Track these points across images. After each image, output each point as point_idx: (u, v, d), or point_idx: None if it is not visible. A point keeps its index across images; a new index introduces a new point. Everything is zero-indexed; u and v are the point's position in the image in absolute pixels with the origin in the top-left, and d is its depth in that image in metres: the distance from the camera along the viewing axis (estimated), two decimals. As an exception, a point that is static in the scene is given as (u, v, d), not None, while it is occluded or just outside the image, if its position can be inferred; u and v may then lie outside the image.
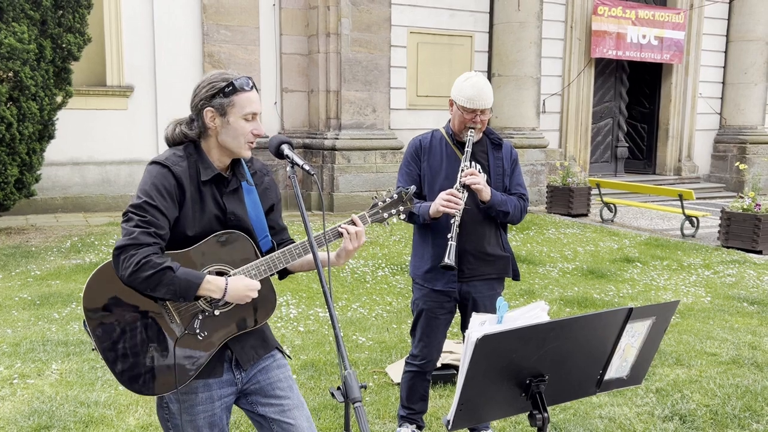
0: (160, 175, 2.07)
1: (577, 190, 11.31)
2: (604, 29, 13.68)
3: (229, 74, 2.13)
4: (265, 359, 2.28)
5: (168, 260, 1.98)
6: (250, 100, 2.12)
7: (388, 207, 2.36)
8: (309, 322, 5.45)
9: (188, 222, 2.09)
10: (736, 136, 15.42)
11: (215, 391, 2.17)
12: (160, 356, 2.07)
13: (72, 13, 8.36)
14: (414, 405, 3.46)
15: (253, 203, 2.23)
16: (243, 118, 2.11)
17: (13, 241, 8.06)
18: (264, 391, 2.24)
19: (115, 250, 1.98)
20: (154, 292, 1.98)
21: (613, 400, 4.01)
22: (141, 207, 2.01)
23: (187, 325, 2.09)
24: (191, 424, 2.16)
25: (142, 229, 1.98)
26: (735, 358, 4.77)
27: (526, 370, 1.87)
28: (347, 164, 11.05)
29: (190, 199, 2.09)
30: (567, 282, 6.93)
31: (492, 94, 3.16)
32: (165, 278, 1.95)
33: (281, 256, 2.16)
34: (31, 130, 8.05)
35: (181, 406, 2.16)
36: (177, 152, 2.14)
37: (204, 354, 2.11)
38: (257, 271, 2.13)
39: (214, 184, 2.16)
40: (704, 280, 7.16)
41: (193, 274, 2.00)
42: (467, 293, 3.26)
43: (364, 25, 11.08)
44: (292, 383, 2.32)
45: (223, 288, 2.03)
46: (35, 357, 4.48)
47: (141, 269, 1.93)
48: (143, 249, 1.95)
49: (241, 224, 2.18)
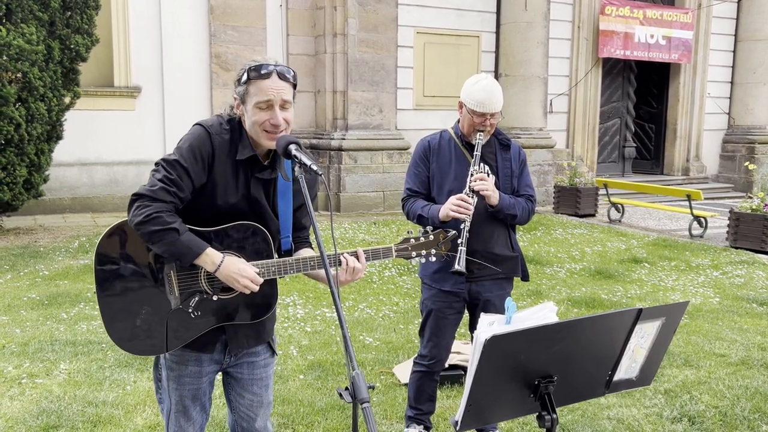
0: (200, 138, 2.09)
1: (584, 190, 11.27)
2: (612, 29, 13.63)
3: (257, 61, 2.10)
4: (255, 353, 2.34)
5: (177, 222, 2.02)
6: (262, 88, 2.07)
7: (419, 247, 2.32)
8: (316, 322, 5.45)
9: (218, 192, 2.11)
10: (745, 136, 15.34)
11: (204, 367, 2.26)
12: (151, 321, 2.13)
13: (80, 14, 8.40)
14: (422, 405, 3.45)
15: (285, 200, 2.22)
16: (257, 107, 2.08)
17: (22, 241, 8.09)
18: (242, 384, 2.34)
19: (133, 195, 2.03)
20: (154, 246, 2.02)
21: (621, 401, 3.99)
22: (171, 164, 2.05)
23: (183, 300, 2.13)
24: (176, 392, 2.26)
25: (164, 185, 2.02)
26: (744, 359, 4.74)
27: (535, 370, 1.87)
28: (354, 164, 11.05)
29: (222, 171, 2.11)
30: (574, 282, 6.91)
31: (502, 97, 3.14)
32: (168, 237, 1.99)
33: (294, 263, 2.16)
34: (40, 131, 8.09)
35: (171, 374, 2.25)
36: (223, 123, 2.16)
37: (192, 332, 2.17)
38: (267, 270, 2.13)
39: (249, 166, 2.15)
40: (713, 281, 7.12)
41: (196, 243, 2.03)
42: (477, 293, 3.25)
43: (370, 26, 11.08)
44: (269, 382, 2.40)
45: (217, 263, 2.04)
46: (44, 357, 4.50)
47: (150, 222, 1.99)
48: (158, 203, 2.00)
49: (261, 212, 2.18)
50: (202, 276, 2.14)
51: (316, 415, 3.74)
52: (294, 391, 4.06)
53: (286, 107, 2.12)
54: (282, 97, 2.09)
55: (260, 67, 2.08)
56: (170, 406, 2.30)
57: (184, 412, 2.29)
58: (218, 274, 2.06)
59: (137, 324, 2.13)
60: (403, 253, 2.29)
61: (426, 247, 2.31)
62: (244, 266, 2.07)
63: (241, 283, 2.06)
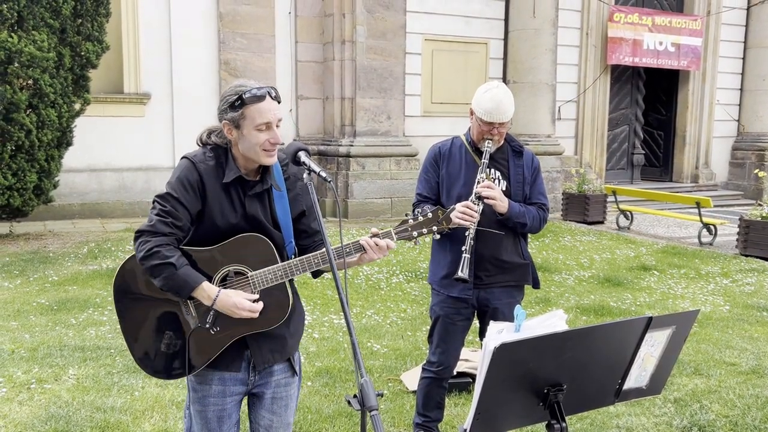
0: (186, 169, 2.19)
1: (593, 197, 11.23)
2: (620, 36, 13.61)
3: (244, 86, 2.17)
4: (277, 371, 2.34)
5: (176, 256, 2.09)
6: (261, 111, 2.13)
7: (418, 225, 2.31)
8: (324, 328, 5.45)
9: (216, 216, 2.19)
10: (755, 143, 15.26)
11: (228, 387, 2.27)
12: (174, 344, 2.20)
13: (91, 21, 8.46)
14: (430, 413, 3.44)
15: (282, 209, 2.27)
16: (256, 129, 2.14)
17: (32, 247, 8.14)
18: (263, 403, 2.35)
19: (136, 232, 2.15)
20: (154, 280, 2.11)
21: (630, 410, 3.97)
22: (164, 197, 2.15)
23: (201, 319, 2.18)
24: (201, 414, 2.27)
25: (161, 219, 2.12)
26: (755, 368, 4.70)
27: (544, 379, 1.86)
28: (362, 171, 11.06)
29: (215, 196, 2.18)
30: (583, 290, 6.88)
31: (512, 106, 3.13)
32: (165, 272, 2.07)
33: (299, 263, 2.19)
34: (50, 137, 8.14)
35: (195, 395, 2.28)
36: (207, 152, 2.24)
37: (215, 348, 2.20)
38: (274, 276, 2.17)
39: (239, 186, 2.22)
40: (723, 289, 7.07)
41: (193, 277, 2.10)
42: (486, 300, 3.25)
43: (379, 33, 11.11)
44: (289, 402, 2.39)
45: (213, 298, 2.11)
46: (52, 362, 4.51)
47: (150, 257, 2.08)
48: (157, 237, 2.10)
49: (261, 227, 2.22)
50: None
51: (323, 422, 3.73)
52: (302, 398, 4.06)
53: (279, 125, 2.20)
54: (278, 116, 2.18)
55: (253, 91, 2.14)
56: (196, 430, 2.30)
57: None
58: (216, 308, 2.12)
59: (162, 349, 2.21)
60: (403, 234, 2.29)
61: (426, 225, 2.30)
62: (238, 299, 2.11)
63: (242, 315, 2.12)
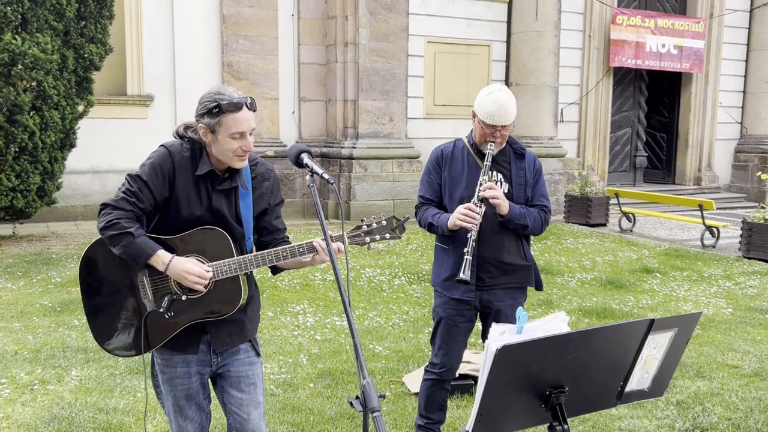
0: (162, 157, 2.31)
1: (595, 199, 11.23)
2: (623, 38, 13.61)
3: (221, 94, 2.25)
4: (240, 352, 2.46)
5: (134, 227, 2.22)
6: (237, 121, 2.23)
7: (372, 232, 2.41)
8: (326, 330, 5.45)
9: (182, 205, 2.30)
10: (757, 145, 15.24)
11: (193, 367, 2.41)
12: (130, 324, 2.35)
13: (94, 23, 8.48)
14: (432, 415, 3.44)
15: (245, 206, 2.39)
16: (230, 137, 2.25)
17: (35, 248, 8.16)
18: (230, 382, 2.46)
19: (101, 204, 2.29)
20: (114, 249, 2.25)
21: (632, 412, 3.96)
22: (134, 178, 2.30)
23: (157, 302, 2.31)
24: (171, 393, 2.43)
25: (125, 196, 2.27)
26: (758, 371, 4.69)
27: (546, 381, 1.86)
28: (364, 173, 11.07)
29: (184, 187, 2.29)
30: (585, 292, 6.88)
31: (514, 109, 3.13)
32: (124, 240, 2.21)
33: (254, 259, 2.31)
34: (53, 139, 8.16)
35: (163, 377, 2.44)
36: (184, 144, 2.35)
37: (169, 331, 2.32)
38: (228, 268, 2.29)
39: (209, 180, 2.33)
40: (725, 292, 7.06)
41: (150, 245, 2.23)
42: (488, 302, 3.25)
43: (381, 35, 11.12)
44: (256, 380, 2.50)
45: (166, 263, 2.24)
46: (55, 363, 4.52)
47: (110, 227, 2.22)
48: (118, 211, 2.24)
49: (224, 221, 2.34)
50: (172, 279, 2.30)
51: (325, 423, 3.74)
52: (303, 399, 4.06)
53: (252, 133, 2.31)
54: (251, 125, 2.29)
55: (231, 100, 2.23)
56: (169, 408, 2.47)
57: (181, 411, 2.44)
58: (169, 273, 2.25)
59: (118, 327, 2.36)
60: (356, 239, 2.40)
61: (379, 232, 2.40)
62: (191, 265, 2.24)
63: (190, 280, 2.23)
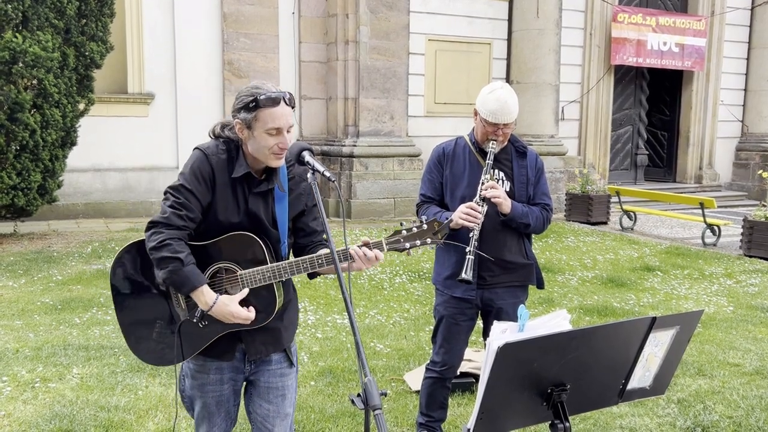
0: (199, 160, 2.22)
1: (596, 197, 11.22)
2: (624, 36, 13.59)
3: (259, 88, 2.18)
4: (272, 362, 2.39)
5: (186, 252, 2.13)
6: (274, 116, 2.15)
7: (411, 237, 2.28)
8: (327, 328, 5.45)
9: (219, 210, 2.23)
10: (759, 144, 15.23)
11: (226, 374, 2.34)
12: (165, 333, 2.27)
13: (95, 21, 8.48)
14: (433, 413, 3.44)
15: (281, 209, 2.30)
16: (266, 133, 2.16)
17: (36, 246, 8.16)
18: (259, 392, 2.39)
19: (149, 222, 2.18)
20: (160, 272, 2.14)
21: (633, 410, 3.96)
22: (177, 189, 2.19)
23: (190, 312, 2.24)
24: (201, 398, 2.36)
25: (175, 211, 2.15)
26: (759, 369, 4.69)
27: (548, 379, 1.86)
28: (365, 171, 11.06)
29: (222, 190, 2.22)
30: (586, 290, 6.87)
31: (516, 107, 3.12)
32: (172, 265, 2.11)
33: (287, 267, 2.22)
34: (54, 137, 8.16)
35: (194, 382, 2.36)
36: (219, 144, 2.27)
37: (203, 340, 2.26)
38: (262, 276, 2.21)
39: (245, 182, 2.25)
40: (726, 290, 7.06)
41: (196, 278, 2.14)
42: (490, 300, 3.25)
43: (382, 33, 11.11)
44: (286, 392, 2.42)
45: (209, 305, 2.16)
46: (56, 361, 4.52)
47: (161, 248, 2.12)
48: (171, 230, 2.14)
49: (260, 225, 2.26)
50: None
51: (326, 421, 3.74)
52: (305, 397, 4.06)
53: (290, 130, 2.23)
54: (289, 122, 2.20)
55: (269, 94, 2.16)
56: (197, 412, 2.40)
57: (209, 418, 2.38)
58: (212, 314, 2.18)
59: (153, 337, 2.27)
60: (395, 245, 2.27)
61: (420, 237, 2.27)
62: (235, 309, 2.16)
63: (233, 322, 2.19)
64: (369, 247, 2.24)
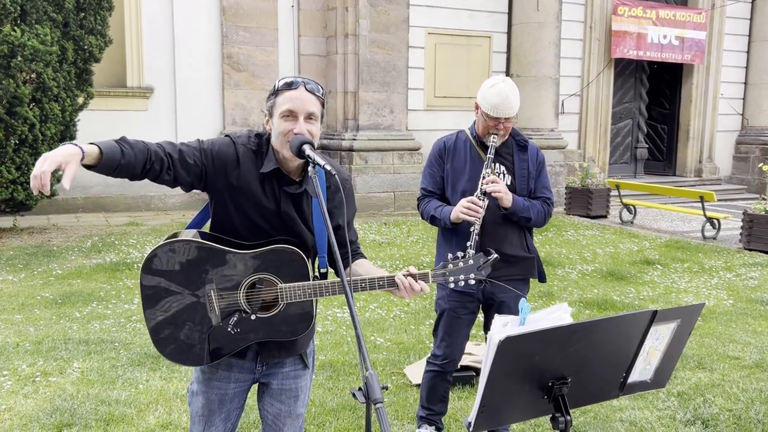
0: (224, 144, 2.19)
1: (596, 191, 11.22)
2: (625, 29, 13.57)
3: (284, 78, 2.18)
4: (286, 365, 2.32)
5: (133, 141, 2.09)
6: (288, 98, 2.10)
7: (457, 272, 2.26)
8: (327, 322, 5.45)
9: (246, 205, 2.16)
10: (759, 137, 15.22)
11: (234, 373, 2.27)
12: (194, 335, 2.18)
13: (94, 15, 8.45)
14: (434, 406, 3.45)
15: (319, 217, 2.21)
16: (281, 117, 2.12)
17: (35, 241, 8.16)
18: (272, 393, 2.34)
19: None
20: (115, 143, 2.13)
21: (634, 403, 3.97)
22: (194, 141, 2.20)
23: (223, 318, 2.16)
24: (204, 394, 2.28)
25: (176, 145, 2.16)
26: (758, 362, 4.70)
27: (549, 372, 1.86)
28: (365, 165, 11.06)
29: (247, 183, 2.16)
30: (586, 284, 6.88)
31: (518, 101, 3.11)
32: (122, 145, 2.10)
33: (329, 286, 2.14)
34: (53, 131, 8.14)
35: (202, 376, 2.30)
36: (251, 136, 2.22)
37: (231, 347, 2.19)
38: (303, 292, 2.13)
39: (275, 180, 2.18)
40: (726, 283, 7.06)
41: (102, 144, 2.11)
42: (491, 294, 3.25)
43: (382, 26, 11.08)
44: (299, 393, 2.37)
45: None
46: (57, 355, 4.53)
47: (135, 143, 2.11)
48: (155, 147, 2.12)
49: (294, 227, 2.20)
50: (241, 295, 2.15)
51: (327, 415, 3.74)
52: (305, 391, 4.07)
53: (312, 120, 2.14)
54: (307, 108, 2.12)
55: (287, 80, 2.13)
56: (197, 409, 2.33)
57: (209, 417, 2.30)
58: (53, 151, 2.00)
59: (181, 338, 2.18)
60: (440, 278, 2.27)
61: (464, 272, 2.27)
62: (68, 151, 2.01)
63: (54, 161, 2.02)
64: (415, 278, 2.20)
